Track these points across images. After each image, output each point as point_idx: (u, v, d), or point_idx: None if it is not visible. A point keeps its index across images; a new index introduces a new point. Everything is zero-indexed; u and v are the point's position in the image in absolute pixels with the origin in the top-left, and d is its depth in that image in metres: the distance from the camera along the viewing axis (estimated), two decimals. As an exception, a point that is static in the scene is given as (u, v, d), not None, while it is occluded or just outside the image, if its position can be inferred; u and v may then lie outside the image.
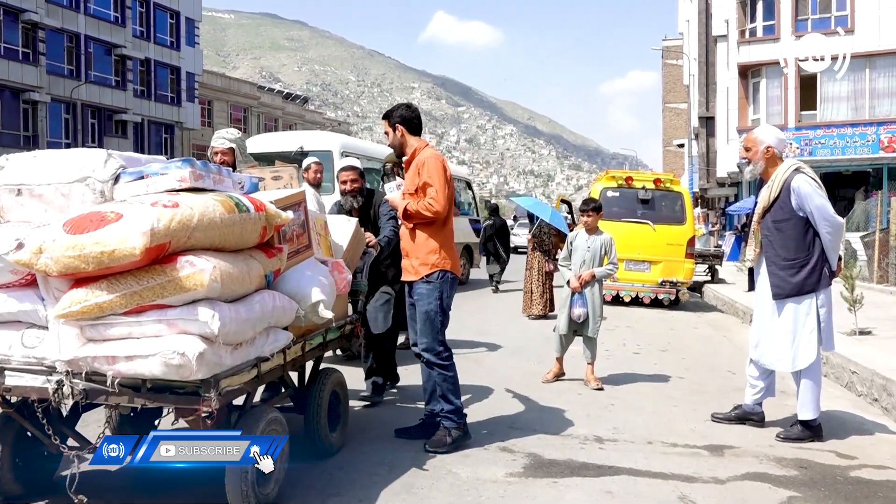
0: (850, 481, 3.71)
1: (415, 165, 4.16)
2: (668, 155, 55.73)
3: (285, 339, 3.33)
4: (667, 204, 12.51)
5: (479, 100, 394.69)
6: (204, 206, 2.82)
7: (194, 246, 2.80)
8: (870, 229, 17.49)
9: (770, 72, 26.76)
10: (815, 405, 4.44)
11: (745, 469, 3.85)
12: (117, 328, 2.72)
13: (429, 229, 4.11)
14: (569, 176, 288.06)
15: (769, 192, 4.50)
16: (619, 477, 3.67)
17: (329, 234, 4.21)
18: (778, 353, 4.49)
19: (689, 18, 39.30)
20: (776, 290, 4.46)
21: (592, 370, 5.92)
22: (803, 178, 4.41)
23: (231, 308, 2.85)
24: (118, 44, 38.02)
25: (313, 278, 3.57)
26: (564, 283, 6.04)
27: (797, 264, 4.39)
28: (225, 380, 2.82)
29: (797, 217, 4.40)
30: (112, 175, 2.94)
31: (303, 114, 64.33)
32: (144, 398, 2.79)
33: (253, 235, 3.11)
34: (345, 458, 3.84)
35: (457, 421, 4.09)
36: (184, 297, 2.72)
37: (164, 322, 2.72)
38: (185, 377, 2.70)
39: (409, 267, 4.19)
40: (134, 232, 2.58)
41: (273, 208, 3.23)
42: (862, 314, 7.60)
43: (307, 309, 3.46)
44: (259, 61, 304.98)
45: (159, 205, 2.70)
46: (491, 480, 3.56)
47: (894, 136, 24.50)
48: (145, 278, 2.69)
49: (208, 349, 2.70)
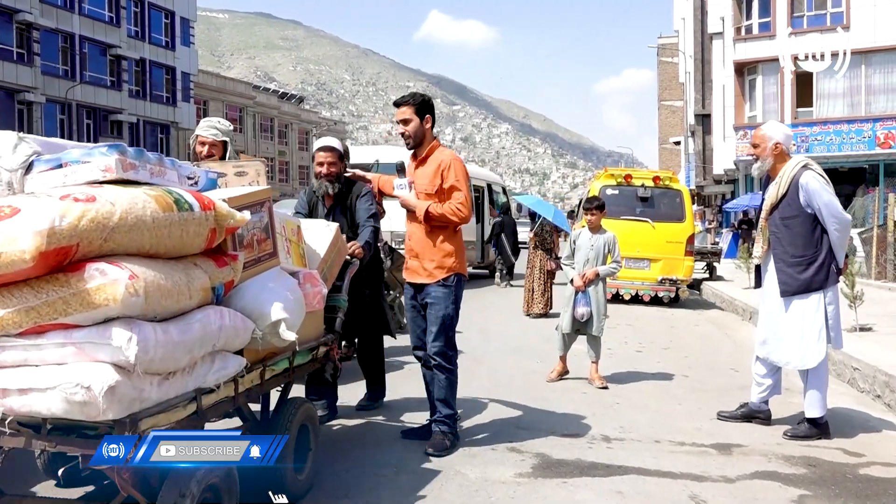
0: (860, 479, 3.70)
1: (436, 165, 4.06)
2: (664, 153, 55.80)
3: (236, 365, 2.77)
4: (666, 202, 12.50)
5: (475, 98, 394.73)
6: (131, 202, 2.31)
7: (114, 251, 2.27)
8: (867, 225, 17.53)
9: (766, 69, 26.78)
10: (823, 403, 4.43)
11: (754, 467, 3.84)
12: (10, 353, 2.22)
13: (445, 232, 4.07)
14: (564, 174, 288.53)
15: (777, 189, 4.48)
16: (628, 476, 3.65)
17: (302, 240, 3.62)
18: (787, 351, 4.47)
19: (685, 16, 39.32)
20: (784, 287, 4.44)
21: (597, 369, 5.90)
22: (812, 174, 4.40)
23: (158, 329, 2.32)
24: (113, 44, 37.94)
25: (276, 292, 3.00)
26: (567, 281, 6.03)
27: (805, 261, 4.38)
28: (148, 419, 2.29)
29: (805, 214, 4.38)
30: (23, 163, 2.49)
31: (298, 113, 64.26)
32: (45, 441, 2.27)
33: (197, 239, 2.58)
34: (352, 460, 3.82)
35: (451, 426, 4.09)
36: (93, 314, 2.19)
37: (69, 346, 2.20)
38: (92, 416, 2.17)
39: (420, 269, 4.10)
40: (26, 231, 2.07)
41: (225, 207, 2.69)
42: (861, 310, 7.61)
43: (266, 329, 2.88)
44: (254, 61, 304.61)
45: (70, 198, 2.20)
46: (500, 481, 3.54)
47: (890, 133, 24.56)
48: (45, 290, 2.17)
49: (123, 381, 2.17)
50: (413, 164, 4.22)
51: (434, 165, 4.08)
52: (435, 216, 4.01)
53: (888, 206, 14.45)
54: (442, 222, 4.04)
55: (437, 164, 4.07)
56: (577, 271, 5.95)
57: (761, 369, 4.70)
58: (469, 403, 5.09)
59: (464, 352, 7.05)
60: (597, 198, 6.29)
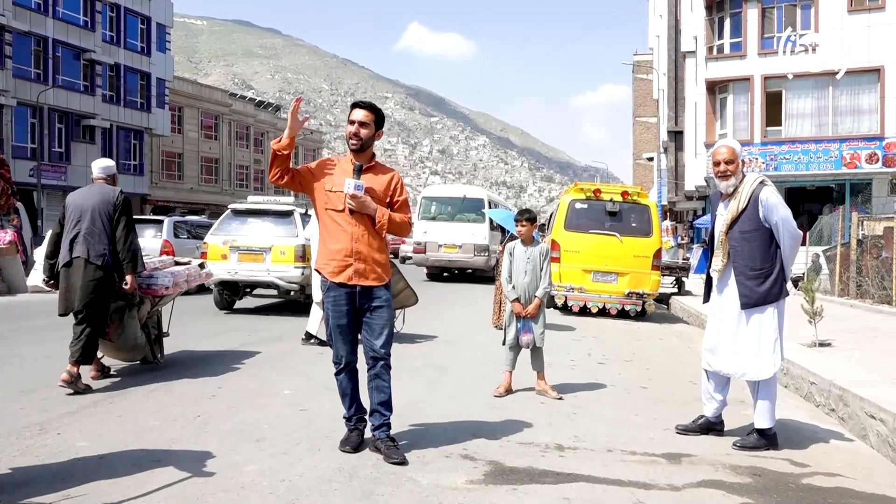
0: (802, 488, 3.79)
1: (389, 177, 4.20)
2: (638, 168, 56.35)
3: None
4: (634, 216, 12.68)
5: (452, 111, 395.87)
6: None
7: None
8: (832, 244, 17.87)
9: (737, 87, 27.28)
10: (772, 414, 4.54)
11: (701, 476, 3.92)
12: None
13: (383, 240, 4.20)
14: (541, 188, 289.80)
15: (737, 204, 4.61)
16: (577, 484, 3.71)
17: None
18: (743, 363, 4.58)
19: (660, 34, 39.89)
20: (745, 299, 4.56)
21: (545, 380, 5.96)
22: (770, 190, 4.59)
23: None
24: (87, 48, 37.61)
25: None
26: (510, 301, 6.00)
27: (763, 274, 4.52)
28: None
29: (763, 228, 4.54)
30: None
31: (275, 122, 64.04)
32: None
33: None
34: (305, 466, 3.84)
35: (390, 428, 4.16)
36: None
37: None
38: None
39: (370, 271, 4.09)
40: None
41: None
42: (823, 326, 7.76)
43: None
44: (231, 68, 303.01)
45: None
46: (451, 488, 3.58)
47: (856, 153, 25.09)
48: None
49: None
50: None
51: (387, 177, 4.20)
52: (398, 223, 4.13)
53: (852, 224, 14.77)
54: (395, 230, 4.15)
55: (390, 178, 4.20)
56: (514, 283, 5.98)
57: (712, 385, 4.81)
58: (429, 411, 5.14)
59: (431, 361, 7.14)
60: (528, 210, 6.32)
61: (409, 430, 4.61)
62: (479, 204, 20.71)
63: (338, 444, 4.19)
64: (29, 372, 6.35)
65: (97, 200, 5.80)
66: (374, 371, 4.13)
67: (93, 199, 5.80)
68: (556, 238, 12.60)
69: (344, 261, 4.06)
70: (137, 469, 3.72)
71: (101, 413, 4.91)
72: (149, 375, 6.24)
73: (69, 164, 36.36)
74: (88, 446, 4.11)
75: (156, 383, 5.92)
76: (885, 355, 7.18)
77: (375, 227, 4.11)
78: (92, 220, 5.72)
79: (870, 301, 13.04)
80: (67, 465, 3.79)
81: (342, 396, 4.25)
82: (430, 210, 21.36)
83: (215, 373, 6.42)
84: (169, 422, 4.71)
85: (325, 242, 4.15)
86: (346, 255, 4.06)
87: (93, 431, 4.44)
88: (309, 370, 6.64)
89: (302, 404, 5.28)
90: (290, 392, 5.70)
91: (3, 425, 4.53)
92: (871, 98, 25.18)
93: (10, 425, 4.53)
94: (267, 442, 4.28)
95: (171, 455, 3.98)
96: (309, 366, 6.86)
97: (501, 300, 10.44)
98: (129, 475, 3.62)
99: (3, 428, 4.47)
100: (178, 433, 4.44)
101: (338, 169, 4.17)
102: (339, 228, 4.08)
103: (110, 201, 5.82)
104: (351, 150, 4.13)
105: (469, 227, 20.21)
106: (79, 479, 3.54)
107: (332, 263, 4.09)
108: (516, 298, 5.94)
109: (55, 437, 4.29)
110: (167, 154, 49.46)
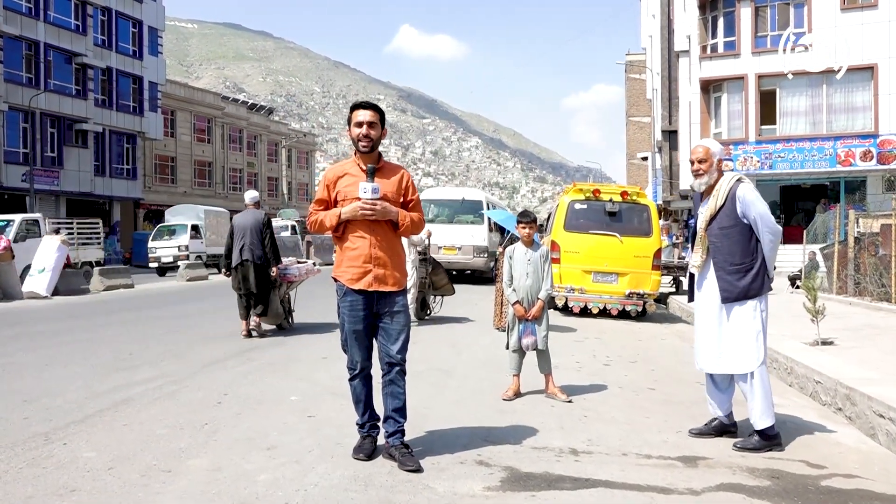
0: (822, 490, 3.75)
1: (399, 176, 4.12)
2: (632, 168, 56.45)
3: None
4: (633, 216, 12.66)
5: (444, 112, 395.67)
6: None
7: None
8: (829, 241, 17.89)
9: (731, 86, 27.34)
10: (769, 413, 4.50)
11: (719, 480, 3.87)
12: None
13: (400, 243, 4.15)
14: (534, 188, 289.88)
15: (716, 201, 4.67)
16: (595, 489, 3.66)
17: None
18: (725, 358, 4.60)
19: (652, 34, 39.96)
20: (725, 294, 4.59)
21: (553, 382, 5.92)
22: (747, 187, 4.64)
23: None
24: (79, 52, 37.40)
25: None
26: (511, 304, 5.97)
27: (744, 269, 4.55)
28: None
29: (742, 224, 4.58)
30: None
31: (267, 124, 63.91)
32: None
33: None
34: (319, 474, 3.78)
35: (404, 435, 4.11)
36: None
37: None
38: None
39: (390, 277, 4.03)
40: None
41: None
42: (823, 324, 7.75)
43: None
44: (223, 71, 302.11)
45: None
46: (469, 495, 3.52)
47: (850, 151, 25.17)
48: None
49: None
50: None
51: (397, 177, 4.12)
52: (414, 223, 4.08)
53: (848, 222, 14.79)
54: (412, 231, 4.11)
55: (401, 177, 4.13)
56: (515, 286, 5.94)
57: (716, 387, 4.80)
58: (438, 416, 5.08)
59: (435, 364, 7.08)
60: (529, 212, 6.28)
61: (420, 437, 4.54)
62: (478, 206, 20.77)
63: (350, 452, 4.13)
64: (29, 380, 6.27)
65: (252, 221, 9.21)
66: (390, 377, 4.07)
67: (249, 221, 9.22)
68: (556, 239, 12.56)
69: (363, 267, 3.99)
70: (147, 479, 3.65)
71: (105, 422, 4.84)
72: (150, 381, 6.17)
73: (62, 168, 36.12)
74: (96, 456, 4.04)
75: (159, 390, 5.85)
76: (887, 353, 7.17)
77: (398, 230, 4.06)
78: (252, 234, 9.11)
79: (868, 298, 13.05)
80: (75, 475, 3.71)
81: (356, 403, 4.18)
82: (429, 212, 21.36)
83: (219, 379, 6.35)
84: (176, 430, 4.64)
85: (344, 249, 4.07)
86: (365, 262, 3.99)
87: (99, 441, 4.37)
88: (312, 375, 6.58)
89: (308, 410, 5.22)
90: (297, 398, 5.63)
91: (8, 436, 4.46)
92: (864, 96, 25.28)
93: (15, 436, 4.46)
94: (277, 450, 4.22)
95: (182, 465, 3.91)
96: (312, 371, 6.79)
97: (502, 302, 10.40)
98: (140, 486, 3.55)
99: (8, 439, 4.39)
100: (187, 442, 4.37)
101: (347, 176, 4.08)
102: (357, 234, 4.01)
103: (260, 220, 9.22)
104: (361, 152, 4.03)
105: (468, 228, 20.21)
106: (88, 491, 3.47)
107: (350, 270, 4.02)
108: (518, 301, 5.91)
109: (61, 448, 4.22)
110: (160, 158, 49.26)
